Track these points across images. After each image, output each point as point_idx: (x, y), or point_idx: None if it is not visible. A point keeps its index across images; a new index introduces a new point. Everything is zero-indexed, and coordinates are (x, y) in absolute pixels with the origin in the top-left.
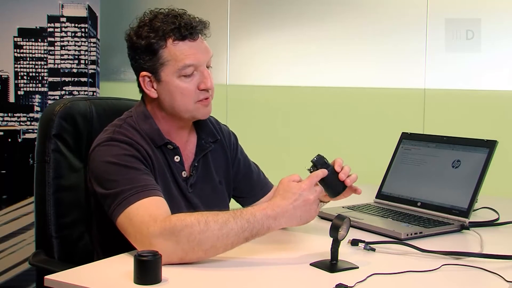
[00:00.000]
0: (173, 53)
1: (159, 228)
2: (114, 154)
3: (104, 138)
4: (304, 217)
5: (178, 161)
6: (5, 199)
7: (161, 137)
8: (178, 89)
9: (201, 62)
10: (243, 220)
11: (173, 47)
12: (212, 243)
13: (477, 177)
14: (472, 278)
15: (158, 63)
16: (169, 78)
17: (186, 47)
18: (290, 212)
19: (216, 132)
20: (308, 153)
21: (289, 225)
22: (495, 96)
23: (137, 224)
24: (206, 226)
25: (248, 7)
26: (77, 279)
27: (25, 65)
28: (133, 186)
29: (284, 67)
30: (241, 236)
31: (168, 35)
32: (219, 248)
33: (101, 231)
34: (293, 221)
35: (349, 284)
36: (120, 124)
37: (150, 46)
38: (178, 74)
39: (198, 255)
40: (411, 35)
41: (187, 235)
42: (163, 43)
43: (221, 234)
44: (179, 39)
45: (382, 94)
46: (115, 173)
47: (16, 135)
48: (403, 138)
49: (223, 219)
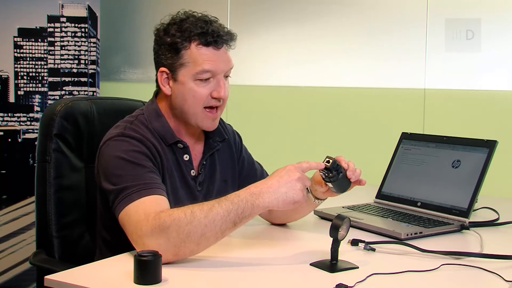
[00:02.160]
0: (194, 56)
1: (150, 227)
2: (124, 149)
3: (115, 133)
4: (289, 194)
5: (187, 159)
6: (5, 199)
7: (172, 135)
8: (191, 92)
9: (219, 71)
10: (227, 202)
11: (196, 50)
12: (201, 232)
13: (477, 177)
14: (472, 278)
15: (178, 62)
16: (186, 79)
17: (208, 53)
18: (274, 187)
19: (223, 131)
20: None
21: (274, 203)
22: (495, 96)
23: (133, 224)
24: (192, 216)
25: (248, 7)
26: (77, 279)
27: (25, 65)
28: (136, 183)
29: (284, 67)
30: (228, 220)
31: (193, 38)
32: (209, 237)
33: (106, 228)
34: (278, 197)
35: (349, 284)
36: (132, 120)
37: (174, 45)
38: (194, 77)
39: (191, 248)
40: (411, 35)
41: (176, 229)
42: (187, 45)
43: (208, 221)
44: (203, 44)
45: (382, 94)
46: (122, 168)
47: (16, 135)
48: (403, 138)
49: (208, 206)
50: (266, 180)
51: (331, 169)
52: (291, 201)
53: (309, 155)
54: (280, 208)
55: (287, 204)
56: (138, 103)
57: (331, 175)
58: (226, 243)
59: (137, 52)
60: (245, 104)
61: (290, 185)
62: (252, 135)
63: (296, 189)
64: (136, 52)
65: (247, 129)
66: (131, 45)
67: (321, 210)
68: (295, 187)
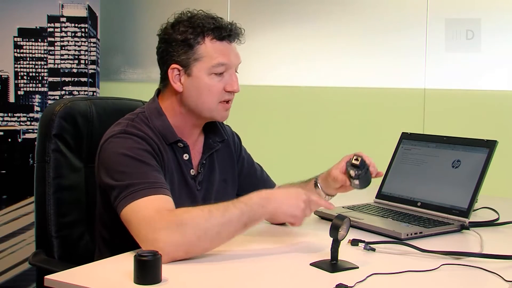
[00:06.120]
0: (209, 51)
1: (166, 222)
2: (128, 146)
3: (117, 130)
4: (292, 208)
5: (187, 159)
6: (5, 199)
7: (172, 134)
8: (207, 86)
9: (232, 64)
10: (241, 204)
11: (211, 44)
12: (217, 230)
13: (477, 177)
14: (472, 278)
15: (192, 57)
16: (201, 74)
17: (222, 47)
18: (281, 198)
19: (223, 132)
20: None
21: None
22: (495, 96)
23: (141, 218)
24: (210, 214)
25: (248, 7)
26: (77, 279)
27: (25, 65)
28: (142, 181)
29: (284, 67)
30: (241, 221)
31: (207, 33)
32: (223, 237)
33: (106, 226)
34: (282, 206)
35: (349, 284)
36: (133, 118)
37: (186, 40)
38: (209, 71)
39: (204, 245)
40: (411, 35)
41: (194, 226)
42: (201, 40)
43: (225, 220)
44: (218, 39)
45: (382, 94)
46: (127, 165)
47: (16, 135)
48: (403, 138)
49: (223, 206)
50: (276, 189)
51: (360, 166)
52: (291, 215)
53: (309, 155)
54: (278, 219)
55: (286, 216)
56: (138, 103)
57: (360, 172)
58: (226, 243)
59: (137, 52)
60: (244, 104)
61: (295, 202)
62: (252, 135)
63: (300, 207)
64: (136, 52)
65: (246, 129)
66: (131, 45)
67: (321, 210)
68: (300, 205)
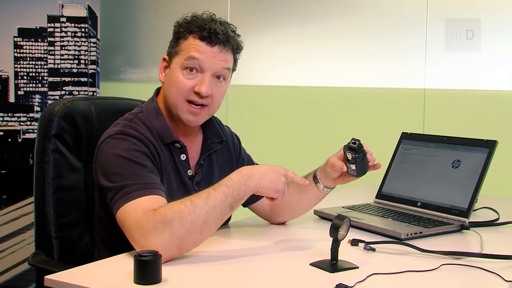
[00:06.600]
0: (187, 46)
1: (152, 223)
2: (124, 148)
3: (114, 131)
4: (274, 181)
5: (184, 159)
6: (5, 199)
7: (170, 135)
8: (176, 80)
9: (206, 64)
10: (222, 187)
11: (192, 41)
12: (203, 219)
13: (477, 177)
14: (472, 278)
15: (174, 50)
16: (176, 67)
17: (200, 44)
18: (262, 172)
19: (222, 133)
20: (308, 152)
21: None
22: (495, 96)
23: (131, 221)
24: (192, 205)
25: (248, 7)
26: (77, 279)
27: (25, 65)
28: (137, 182)
29: (284, 67)
30: (226, 204)
31: (193, 30)
32: (211, 224)
33: (104, 226)
34: (265, 181)
35: (349, 284)
36: (131, 118)
37: (177, 34)
38: (182, 65)
39: (194, 237)
40: (411, 35)
41: (179, 220)
42: (187, 35)
43: (209, 208)
44: (199, 38)
45: (382, 94)
46: (122, 167)
47: (16, 135)
48: (403, 138)
49: (205, 194)
50: (255, 166)
51: (357, 149)
52: (274, 189)
53: (309, 155)
54: (262, 193)
55: (269, 191)
56: (137, 103)
57: (357, 156)
58: (226, 243)
59: (137, 52)
60: (244, 104)
61: (277, 176)
62: (251, 135)
63: (281, 181)
64: (136, 52)
65: (246, 128)
66: (131, 45)
67: (321, 210)
68: (281, 178)
